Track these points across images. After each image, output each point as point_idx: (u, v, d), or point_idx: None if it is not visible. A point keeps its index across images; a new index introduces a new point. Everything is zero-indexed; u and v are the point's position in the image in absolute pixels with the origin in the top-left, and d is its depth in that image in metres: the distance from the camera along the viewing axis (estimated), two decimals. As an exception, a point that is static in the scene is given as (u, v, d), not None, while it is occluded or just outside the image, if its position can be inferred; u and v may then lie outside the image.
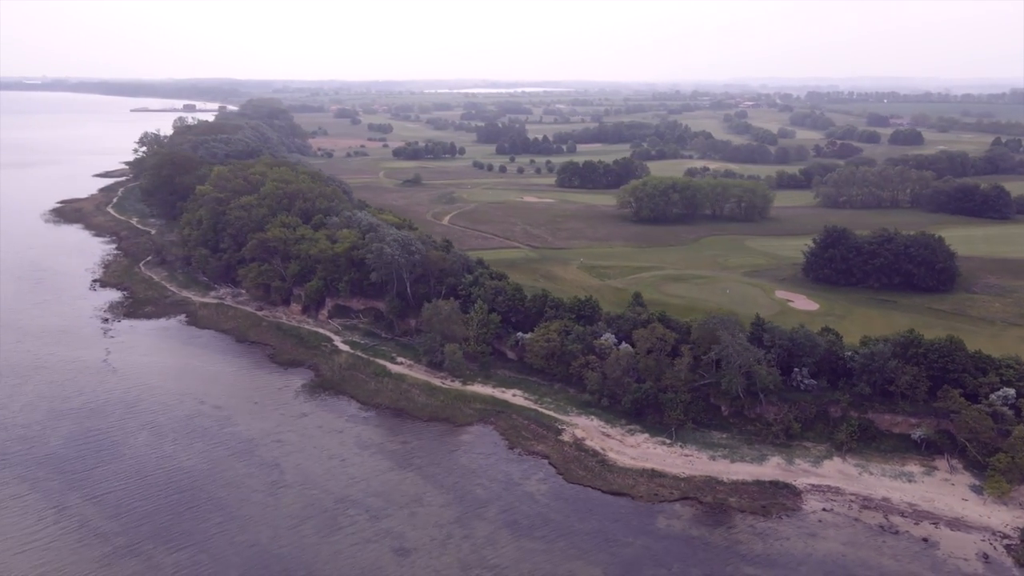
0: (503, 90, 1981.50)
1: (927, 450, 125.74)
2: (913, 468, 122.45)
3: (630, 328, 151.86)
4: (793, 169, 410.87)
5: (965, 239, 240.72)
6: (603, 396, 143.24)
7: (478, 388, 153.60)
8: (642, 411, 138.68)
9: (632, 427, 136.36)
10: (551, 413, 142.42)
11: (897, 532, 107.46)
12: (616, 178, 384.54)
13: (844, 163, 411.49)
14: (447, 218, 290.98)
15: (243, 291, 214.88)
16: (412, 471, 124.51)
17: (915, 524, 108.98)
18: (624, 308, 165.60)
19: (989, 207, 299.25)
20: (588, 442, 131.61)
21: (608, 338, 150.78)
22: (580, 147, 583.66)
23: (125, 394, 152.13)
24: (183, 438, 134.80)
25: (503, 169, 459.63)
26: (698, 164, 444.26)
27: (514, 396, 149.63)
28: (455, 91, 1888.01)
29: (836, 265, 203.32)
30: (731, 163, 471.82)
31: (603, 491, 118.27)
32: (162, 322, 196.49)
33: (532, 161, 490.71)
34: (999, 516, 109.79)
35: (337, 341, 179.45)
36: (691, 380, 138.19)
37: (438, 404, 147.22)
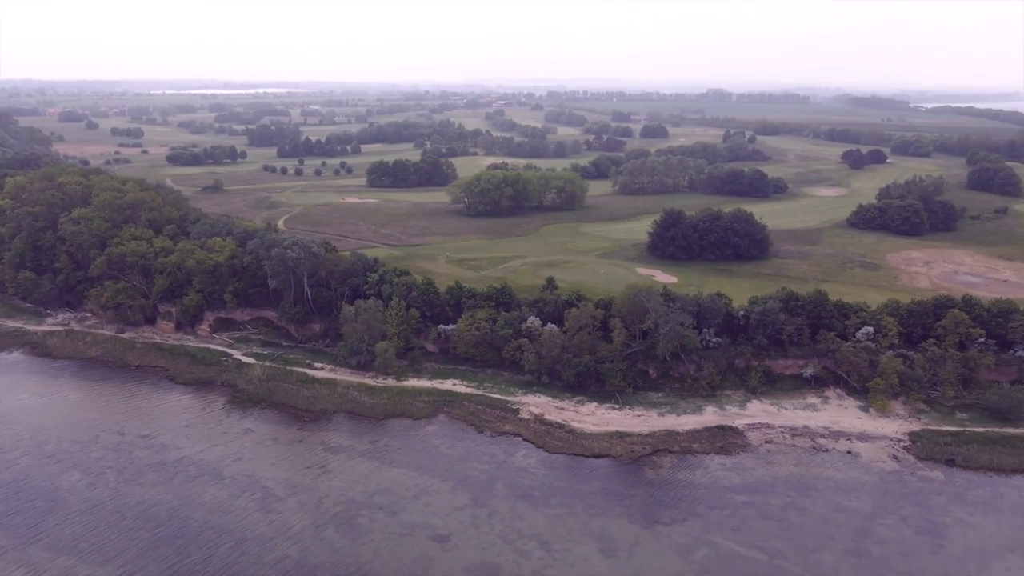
0: (241, 91, 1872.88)
1: (816, 384, 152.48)
2: (812, 399, 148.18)
3: (552, 309, 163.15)
4: (582, 161, 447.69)
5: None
6: (542, 374, 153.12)
7: (414, 383, 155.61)
8: (584, 383, 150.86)
9: (579, 398, 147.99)
10: (498, 396, 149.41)
11: (827, 450, 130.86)
12: (426, 176, 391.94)
13: (624, 155, 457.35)
14: (280, 222, 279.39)
15: (88, 314, 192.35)
16: (400, 467, 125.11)
17: (835, 442, 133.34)
18: (526, 294, 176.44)
19: (754, 188, 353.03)
20: (548, 416, 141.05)
21: (534, 321, 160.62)
22: (363, 147, 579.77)
23: (17, 438, 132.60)
24: (125, 471, 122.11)
25: (299, 172, 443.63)
26: (496, 160, 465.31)
27: (454, 385, 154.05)
28: (186, 92, 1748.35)
29: (678, 243, 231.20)
30: (518, 158, 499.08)
31: (586, 456, 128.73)
32: (1, 357, 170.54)
33: (324, 163, 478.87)
34: (889, 426, 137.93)
35: (237, 355, 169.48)
36: (623, 349, 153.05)
37: (385, 402, 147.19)
